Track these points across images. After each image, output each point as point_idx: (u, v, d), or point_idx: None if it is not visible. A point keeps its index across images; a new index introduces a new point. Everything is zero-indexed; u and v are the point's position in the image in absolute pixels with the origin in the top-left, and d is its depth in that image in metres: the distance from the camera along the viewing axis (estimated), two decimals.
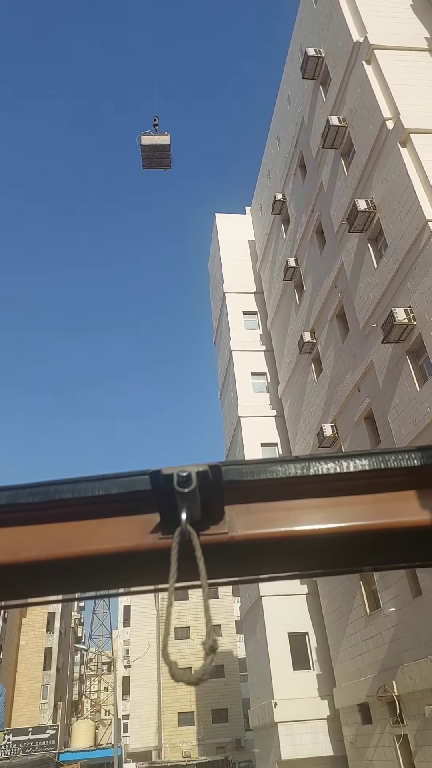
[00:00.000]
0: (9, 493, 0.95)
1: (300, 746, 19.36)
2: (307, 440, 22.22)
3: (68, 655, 58.06)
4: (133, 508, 0.95)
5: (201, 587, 0.84)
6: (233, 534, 0.92)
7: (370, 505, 0.95)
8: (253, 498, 0.95)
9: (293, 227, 24.53)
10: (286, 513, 0.94)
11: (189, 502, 0.88)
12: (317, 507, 0.95)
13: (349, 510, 0.94)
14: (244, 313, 29.55)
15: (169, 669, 0.78)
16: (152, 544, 0.92)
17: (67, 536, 0.94)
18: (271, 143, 28.00)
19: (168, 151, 16.60)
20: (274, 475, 0.94)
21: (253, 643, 24.04)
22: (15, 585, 1.01)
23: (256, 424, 26.16)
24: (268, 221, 28.14)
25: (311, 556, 1.01)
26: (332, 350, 20.15)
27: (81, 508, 0.95)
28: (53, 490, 0.95)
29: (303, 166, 23.57)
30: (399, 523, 0.93)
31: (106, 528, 0.94)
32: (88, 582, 1.04)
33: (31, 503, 0.94)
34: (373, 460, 0.95)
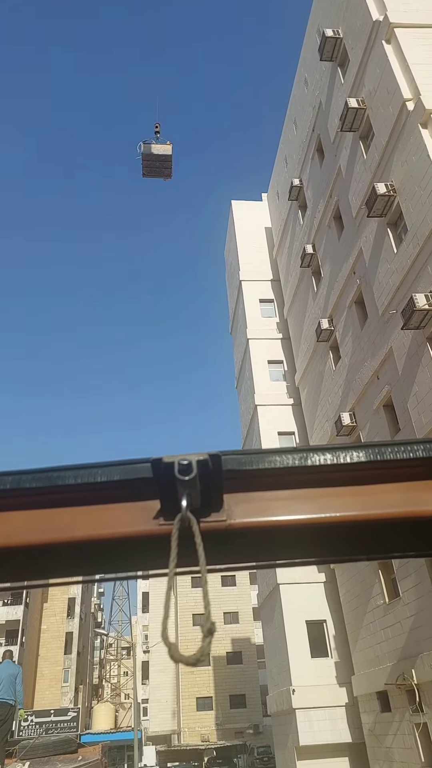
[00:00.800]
0: (12, 478, 0.96)
1: (318, 732, 19.45)
2: (325, 429, 22.08)
3: (88, 639, 59.06)
4: (135, 494, 0.96)
5: (200, 573, 0.86)
6: (232, 522, 0.94)
7: (366, 496, 0.96)
8: (252, 487, 0.97)
9: (310, 213, 24.20)
10: (283, 502, 0.96)
11: (189, 489, 0.89)
12: (314, 497, 0.97)
13: (345, 500, 0.96)
14: (261, 301, 29.33)
15: (168, 650, 0.80)
16: (153, 530, 0.93)
17: (70, 521, 0.95)
18: (288, 128, 27.58)
19: (169, 161, 16.19)
20: (273, 465, 0.96)
21: (270, 631, 24.15)
22: (17, 568, 1.03)
23: (272, 412, 26.06)
24: (285, 207, 27.80)
25: (307, 544, 1.04)
26: (350, 337, 19.92)
27: (83, 494, 0.96)
28: (56, 476, 0.96)
29: (320, 150, 23.19)
30: (393, 514, 0.95)
31: (108, 513, 0.96)
32: (90, 566, 1.06)
33: (34, 488, 0.95)
34: (369, 452, 0.97)
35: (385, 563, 17.36)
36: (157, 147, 15.82)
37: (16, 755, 8.78)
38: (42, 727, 25.43)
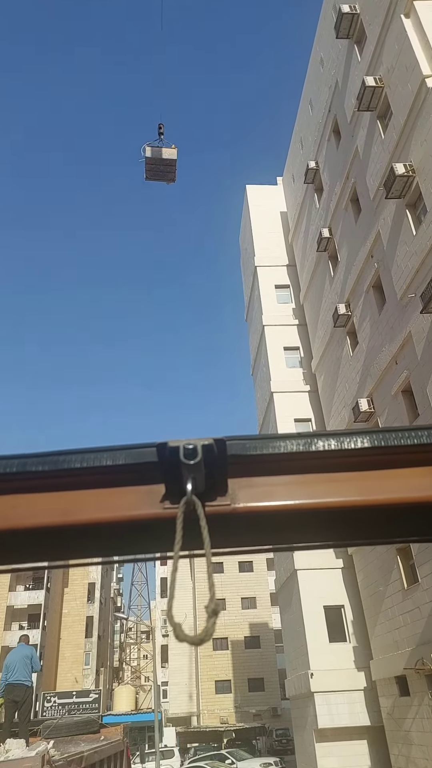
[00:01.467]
0: (19, 462, 0.97)
1: (337, 716, 19.59)
2: (342, 415, 21.93)
3: (108, 623, 60.03)
4: (140, 478, 0.97)
5: (205, 555, 0.87)
6: (236, 506, 0.95)
7: (370, 481, 0.97)
8: (256, 472, 0.98)
9: (327, 196, 23.84)
10: (287, 487, 0.97)
11: (194, 473, 0.90)
12: (318, 482, 0.97)
13: (349, 486, 0.97)
14: (277, 286, 29.07)
15: (173, 630, 0.81)
16: (158, 513, 0.94)
17: (75, 504, 0.96)
18: (304, 109, 27.11)
19: (174, 166, 15.49)
20: (277, 451, 0.97)
21: (288, 616, 24.27)
22: (22, 551, 1.04)
23: (289, 399, 25.94)
24: (300, 191, 27.42)
25: (310, 529, 1.05)
26: (368, 322, 19.68)
27: (89, 478, 0.97)
28: (62, 460, 0.97)
29: (337, 131, 22.77)
30: (398, 500, 0.96)
31: (114, 497, 0.97)
32: (96, 549, 1.08)
33: (40, 471, 0.96)
34: (374, 437, 0.97)
35: (404, 549, 17.29)
36: (161, 151, 15.23)
37: (41, 734, 8.96)
38: (65, 708, 26.01)
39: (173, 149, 15.23)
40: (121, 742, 10.53)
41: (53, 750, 6.64)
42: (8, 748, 6.68)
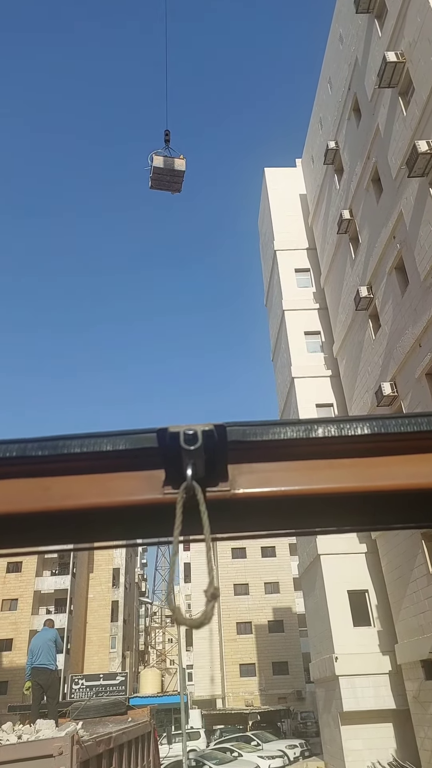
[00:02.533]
0: (18, 446, 0.97)
1: (362, 699, 19.65)
2: (365, 400, 21.69)
3: (133, 608, 60.98)
4: (140, 464, 0.97)
5: (204, 540, 0.87)
6: (236, 492, 0.95)
7: (370, 468, 0.97)
8: (256, 458, 0.98)
9: (347, 177, 23.38)
10: (286, 473, 0.97)
11: (194, 459, 0.90)
12: (317, 468, 0.98)
13: (349, 472, 0.97)
14: (296, 270, 28.73)
15: (173, 613, 0.83)
16: (158, 498, 0.95)
17: (75, 489, 0.97)
18: (323, 88, 26.54)
19: (181, 177, 14.97)
20: (277, 437, 0.97)
21: (312, 600, 24.32)
22: (24, 534, 1.04)
23: (310, 384, 25.76)
24: (320, 172, 26.95)
25: (310, 515, 1.06)
26: (391, 305, 19.35)
27: (89, 463, 0.97)
28: (61, 445, 0.97)
29: (357, 109, 22.25)
30: (396, 486, 0.96)
31: (113, 482, 0.97)
32: (96, 534, 1.08)
33: (39, 456, 0.96)
34: (374, 424, 0.97)
35: (430, 534, 17.12)
36: (170, 161, 14.72)
37: (69, 716, 9.12)
38: (92, 690, 26.56)
39: (182, 160, 14.81)
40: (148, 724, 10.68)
41: (82, 731, 6.74)
42: (38, 728, 6.79)
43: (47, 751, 5.56)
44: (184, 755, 18.27)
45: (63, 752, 5.52)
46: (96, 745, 6.62)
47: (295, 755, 27.20)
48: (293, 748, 27.93)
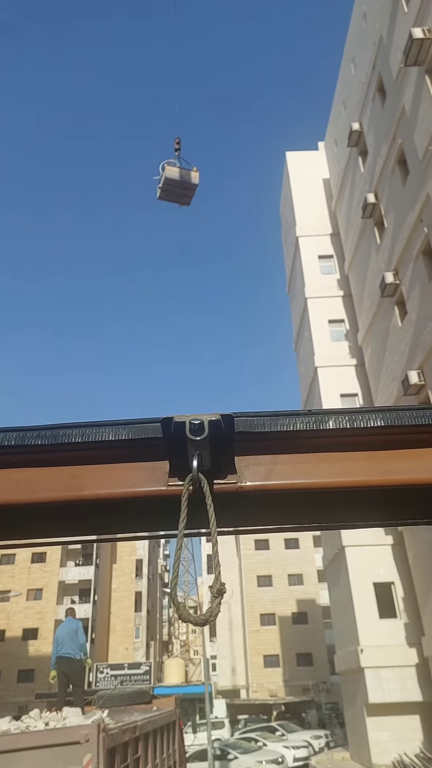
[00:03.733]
0: (18, 434, 0.94)
1: (388, 691, 19.40)
2: (390, 389, 21.24)
3: (157, 599, 61.44)
4: (143, 454, 0.95)
5: (210, 534, 0.86)
6: (242, 485, 0.93)
7: (382, 461, 0.94)
8: (264, 450, 0.96)
9: (372, 159, 22.80)
10: (296, 466, 0.95)
11: (200, 450, 0.87)
12: (328, 461, 0.94)
13: (360, 465, 0.94)
14: (320, 257, 28.22)
15: (176, 609, 0.82)
16: (162, 490, 0.92)
17: (76, 479, 0.94)
18: (346, 68, 25.91)
19: (193, 191, 14.19)
20: (286, 428, 0.94)
21: (337, 592, 24.05)
22: (24, 525, 1.02)
23: (334, 374, 25.34)
24: (344, 155, 26.36)
25: (320, 509, 1.03)
26: (418, 290, 18.83)
27: (90, 453, 0.95)
28: (62, 433, 0.94)
29: (382, 89, 21.64)
30: (411, 480, 0.92)
31: (115, 473, 0.95)
32: (97, 525, 1.05)
33: (40, 445, 0.94)
34: (387, 416, 0.94)
35: None
36: (185, 174, 13.95)
37: (95, 704, 9.08)
38: (117, 679, 26.80)
39: (196, 173, 14.10)
40: (173, 713, 10.60)
41: (108, 719, 6.66)
42: (65, 716, 6.75)
43: (74, 738, 5.50)
44: (209, 744, 18.25)
45: (89, 739, 5.45)
46: (122, 733, 6.53)
47: (320, 746, 27.07)
48: (318, 739, 27.81)
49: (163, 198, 14.32)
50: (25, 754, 5.42)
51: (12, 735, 5.77)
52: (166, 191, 14.10)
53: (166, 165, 13.88)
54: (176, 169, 13.92)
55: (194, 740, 21.17)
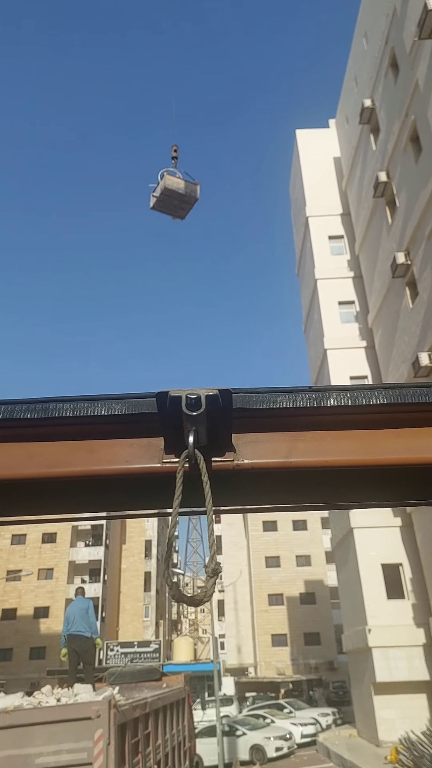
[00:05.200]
0: (6, 408, 0.92)
1: (395, 670, 19.57)
2: (401, 371, 21.04)
3: None
4: (137, 430, 0.92)
5: (206, 513, 0.83)
6: (239, 462, 0.91)
7: (385, 440, 0.92)
8: (263, 427, 0.93)
9: (384, 137, 22.33)
10: (295, 444, 0.92)
11: (196, 426, 0.85)
12: (328, 439, 0.92)
13: (360, 444, 0.91)
14: (330, 237, 27.82)
15: (169, 589, 0.82)
16: (157, 467, 0.90)
17: (68, 455, 0.91)
18: (358, 43, 25.27)
19: (192, 205, 13.13)
20: (285, 405, 0.92)
21: (345, 573, 24.18)
22: (13, 502, 0.98)
23: (343, 356, 25.15)
24: (355, 133, 25.84)
25: (318, 488, 1.01)
26: (430, 271, 18.54)
27: (82, 428, 0.92)
28: (53, 407, 0.91)
29: (395, 64, 21.09)
30: (414, 460, 0.89)
31: (108, 449, 0.92)
32: (90, 503, 1.03)
33: (29, 419, 0.91)
34: (390, 393, 0.91)
35: None
36: (190, 187, 12.87)
37: (105, 681, 9.21)
38: (127, 657, 27.23)
39: (196, 185, 13.04)
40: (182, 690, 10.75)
41: (119, 695, 6.74)
42: (76, 692, 6.84)
43: (86, 713, 5.58)
44: (218, 720, 18.55)
45: (101, 715, 5.52)
46: (132, 709, 6.61)
47: (327, 723, 27.47)
48: (325, 716, 28.20)
49: (156, 208, 13.26)
50: (37, 728, 5.51)
51: (25, 710, 5.85)
52: (162, 201, 13.05)
53: (166, 174, 12.83)
54: (177, 180, 12.88)
55: (203, 717, 21.52)
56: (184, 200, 13.03)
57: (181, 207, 13.23)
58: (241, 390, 0.91)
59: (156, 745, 7.61)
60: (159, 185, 12.88)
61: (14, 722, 5.49)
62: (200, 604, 0.77)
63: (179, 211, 13.32)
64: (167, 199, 12.97)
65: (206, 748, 17.36)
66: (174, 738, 9.07)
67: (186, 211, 13.38)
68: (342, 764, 18.27)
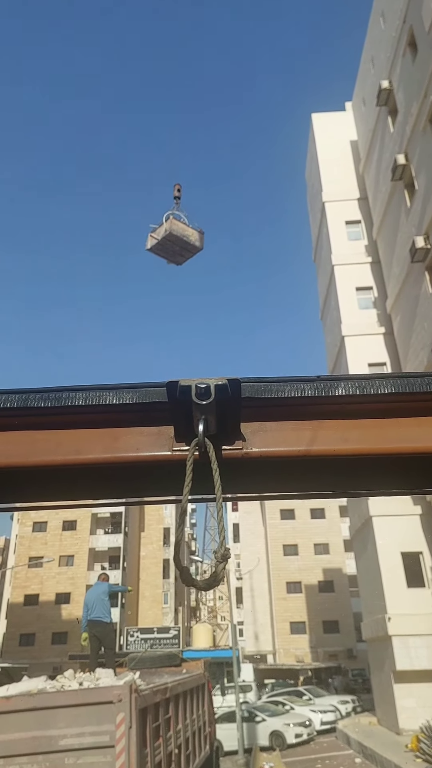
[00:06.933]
0: (20, 396, 0.93)
1: (416, 658, 19.49)
2: (420, 357, 20.75)
3: None
4: (148, 419, 0.94)
5: (215, 500, 0.85)
6: (248, 451, 0.92)
7: (393, 429, 0.92)
8: (271, 416, 0.95)
9: (402, 119, 21.85)
10: (303, 433, 0.93)
11: (206, 414, 0.86)
12: (337, 428, 0.93)
13: (369, 433, 0.92)
14: (347, 222, 27.42)
15: (180, 574, 0.84)
16: (167, 455, 0.92)
17: (80, 443, 0.93)
18: (375, 22, 24.69)
19: (194, 254, 12.55)
20: (294, 394, 0.93)
21: (364, 561, 24.09)
22: (27, 489, 1.00)
23: (361, 343, 24.87)
24: (372, 115, 25.33)
25: (327, 476, 1.01)
26: None
27: (94, 416, 0.94)
28: (65, 396, 0.92)
29: (413, 44, 20.57)
30: (422, 449, 0.90)
31: (120, 437, 0.93)
32: (102, 490, 1.05)
33: (42, 408, 0.92)
34: (398, 383, 0.92)
35: None
36: (191, 234, 12.17)
37: (126, 666, 9.30)
38: (147, 643, 27.55)
39: (201, 235, 12.39)
40: (202, 676, 10.83)
41: (139, 680, 6.79)
42: (98, 676, 6.91)
43: (107, 697, 5.63)
44: (237, 706, 18.69)
45: (122, 699, 5.57)
46: (153, 694, 6.66)
47: (346, 710, 27.54)
48: (345, 704, 28.27)
49: (154, 251, 12.57)
50: (60, 711, 5.58)
51: (48, 693, 5.93)
52: (161, 246, 12.38)
53: (171, 218, 12.15)
54: (184, 226, 12.23)
55: (222, 702, 21.69)
56: (186, 248, 12.45)
57: (181, 254, 12.62)
58: (250, 379, 0.92)
59: (177, 729, 7.68)
60: (162, 227, 12.23)
61: (38, 705, 5.57)
62: (209, 589, 0.78)
63: (178, 257, 12.70)
64: (169, 245, 12.36)
65: (226, 734, 17.51)
66: (194, 723, 9.14)
67: (185, 259, 12.77)
68: (362, 752, 18.31)
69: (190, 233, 12.31)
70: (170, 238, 12.14)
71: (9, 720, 5.46)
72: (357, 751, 19.01)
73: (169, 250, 12.52)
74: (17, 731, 5.40)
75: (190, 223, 12.43)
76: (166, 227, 12.10)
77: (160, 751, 6.57)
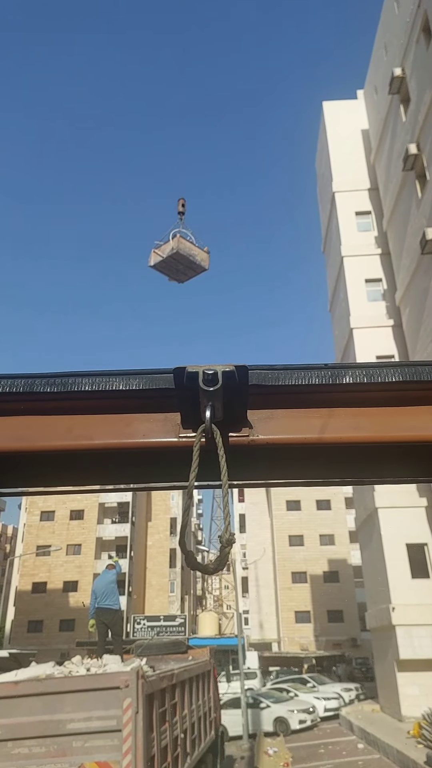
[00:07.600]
0: (25, 381, 0.92)
1: (419, 648, 19.63)
2: (429, 350, 20.64)
3: None
4: (154, 405, 0.93)
5: (221, 486, 0.85)
6: (255, 438, 0.92)
7: (399, 417, 0.92)
8: (278, 404, 0.95)
9: (414, 107, 21.58)
10: (310, 420, 0.93)
11: (213, 401, 0.86)
12: (343, 416, 0.93)
13: (375, 421, 0.92)
14: (357, 213, 27.18)
15: (185, 558, 0.83)
16: (174, 442, 0.92)
17: (86, 429, 0.93)
18: (388, 8, 24.32)
19: (198, 273, 12.23)
20: (301, 382, 0.93)
21: (369, 552, 24.18)
22: (31, 474, 1.00)
23: (370, 335, 24.76)
24: (384, 103, 25.02)
25: (333, 464, 1.02)
26: None
27: (100, 402, 0.93)
28: (72, 382, 0.92)
29: (427, 30, 20.25)
30: (428, 437, 0.89)
31: (127, 423, 0.93)
32: (108, 476, 1.05)
33: (48, 393, 0.92)
34: (405, 371, 0.92)
35: None
36: (198, 253, 11.81)
37: (133, 652, 9.43)
38: (154, 630, 27.85)
39: (207, 255, 12.08)
40: (208, 663, 10.97)
41: (146, 666, 6.90)
42: (105, 662, 7.02)
43: (114, 683, 5.73)
44: (242, 693, 18.91)
45: (129, 685, 5.67)
46: (159, 680, 6.77)
47: (350, 698, 27.77)
48: (348, 691, 28.50)
49: (157, 267, 12.24)
50: (68, 696, 5.69)
51: (56, 678, 6.04)
52: (165, 263, 12.05)
53: (178, 236, 11.85)
54: (191, 245, 11.96)
55: (228, 689, 21.93)
56: (191, 267, 12.14)
57: (184, 273, 12.29)
58: (257, 367, 0.92)
59: (182, 714, 7.81)
60: (168, 245, 11.93)
61: (46, 689, 5.69)
62: (213, 573, 0.79)
63: (181, 275, 12.38)
64: (173, 263, 12.04)
65: (231, 719, 17.73)
66: (200, 708, 9.29)
67: (188, 278, 12.47)
68: (365, 738, 18.50)
69: (197, 253, 12.02)
70: (176, 257, 11.83)
71: (18, 704, 5.59)
72: (360, 737, 19.22)
73: (173, 269, 12.21)
74: (26, 715, 5.53)
75: (196, 240, 12.13)
76: (173, 246, 11.82)
77: (166, 735, 6.69)
